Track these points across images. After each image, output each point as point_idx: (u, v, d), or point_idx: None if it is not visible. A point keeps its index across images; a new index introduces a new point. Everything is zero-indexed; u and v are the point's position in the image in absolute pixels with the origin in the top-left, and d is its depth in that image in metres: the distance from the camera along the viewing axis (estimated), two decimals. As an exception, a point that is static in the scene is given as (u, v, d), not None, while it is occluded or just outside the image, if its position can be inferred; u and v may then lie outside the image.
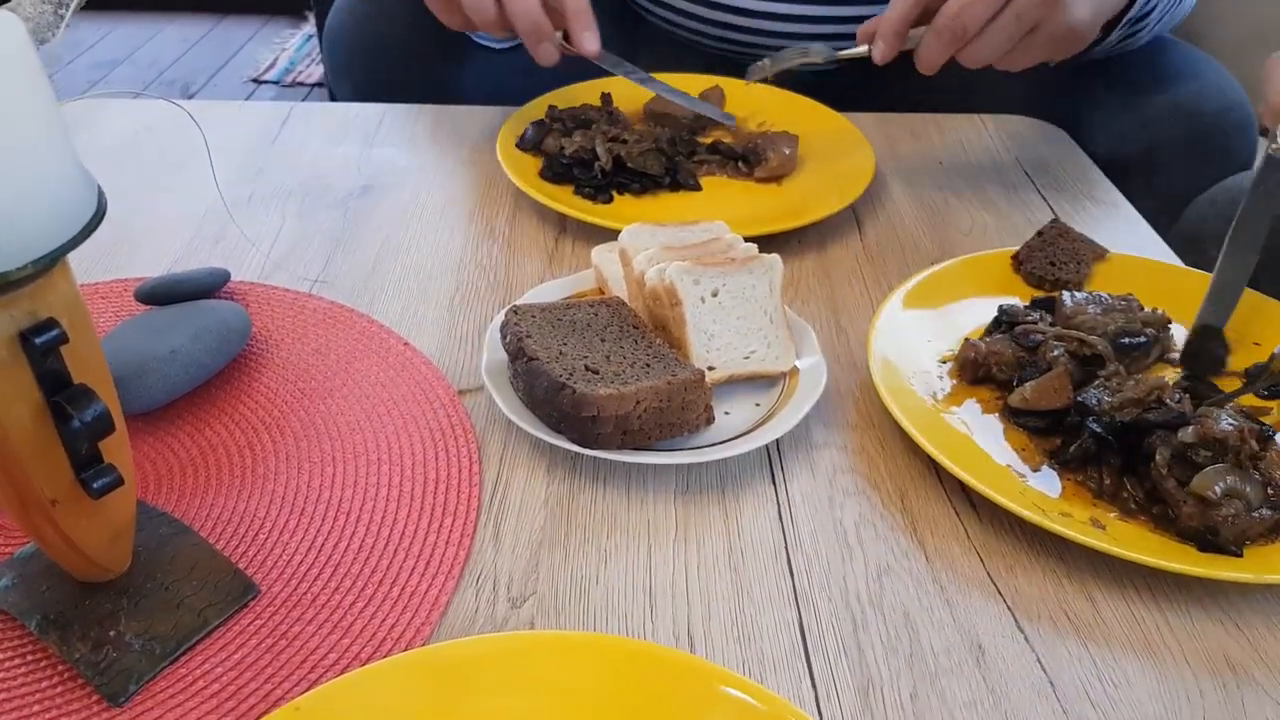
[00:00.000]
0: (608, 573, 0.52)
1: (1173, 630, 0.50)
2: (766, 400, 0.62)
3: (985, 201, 0.88)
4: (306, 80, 3.12)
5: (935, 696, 0.46)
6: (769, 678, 0.47)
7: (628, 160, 0.85)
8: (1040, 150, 0.97)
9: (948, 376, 0.64)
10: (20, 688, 0.45)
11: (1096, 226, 0.84)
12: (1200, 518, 0.52)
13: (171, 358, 0.58)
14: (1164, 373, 0.65)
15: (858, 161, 0.88)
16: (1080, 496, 0.55)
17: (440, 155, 0.92)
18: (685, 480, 0.58)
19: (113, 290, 0.70)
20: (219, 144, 0.92)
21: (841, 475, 0.58)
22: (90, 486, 0.41)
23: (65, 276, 0.39)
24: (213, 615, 0.48)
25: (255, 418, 0.60)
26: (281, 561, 0.51)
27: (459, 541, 0.53)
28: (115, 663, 0.45)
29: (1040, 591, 0.52)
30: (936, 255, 0.79)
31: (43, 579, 0.48)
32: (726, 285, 0.62)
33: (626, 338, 0.60)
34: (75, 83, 3.00)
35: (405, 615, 0.49)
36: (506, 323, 0.60)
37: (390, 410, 0.61)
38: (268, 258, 0.76)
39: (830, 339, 0.69)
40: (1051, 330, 0.63)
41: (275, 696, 0.45)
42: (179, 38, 3.40)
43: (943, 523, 0.56)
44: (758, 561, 0.53)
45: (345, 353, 0.65)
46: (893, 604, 0.51)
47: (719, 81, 0.98)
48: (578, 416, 0.54)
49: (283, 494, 0.55)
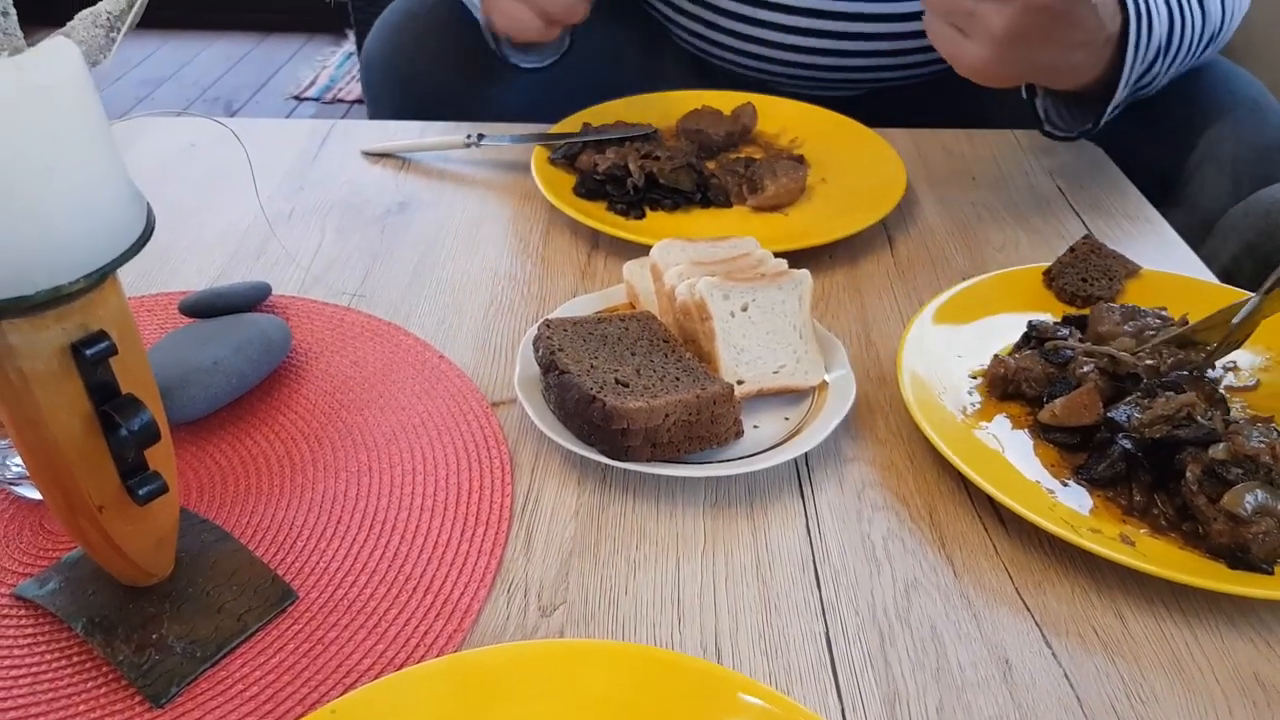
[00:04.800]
0: (637, 583, 0.53)
1: (1202, 647, 0.50)
2: (795, 414, 0.62)
3: (1018, 217, 0.88)
4: (346, 98, 3.17)
5: (961, 711, 0.46)
6: (795, 689, 0.47)
7: (660, 176, 0.86)
8: (1074, 166, 0.96)
9: (978, 392, 0.64)
10: (66, 688, 0.46)
11: (1131, 244, 0.83)
12: (1231, 535, 0.51)
13: (214, 369, 0.60)
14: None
15: (889, 176, 0.88)
16: (1110, 513, 0.55)
17: (475, 172, 0.94)
18: (714, 493, 0.58)
19: (157, 304, 0.72)
20: (261, 161, 0.94)
21: (870, 490, 0.59)
22: (136, 493, 0.42)
23: (115, 290, 0.40)
24: (252, 620, 0.49)
25: (294, 428, 0.61)
26: (319, 568, 0.52)
27: (491, 550, 0.54)
28: (158, 665, 0.46)
29: (1068, 607, 0.52)
30: (968, 271, 0.79)
31: (89, 583, 0.49)
32: (756, 300, 0.63)
33: (656, 351, 0.61)
34: (122, 99, 3.07)
35: (439, 622, 0.50)
36: (539, 336, 0.61)
37: (425, 421, 0.62)
38: (308, 272, 0.77)
39: (860, 353, 0.70)
40: (1081, 346, 0.63)
41: (312, 700, 0.46)
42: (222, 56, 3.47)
43: (971, 538, 0.56)
44: (785, 574, 0.53)
45: (382, 365, 0.67)
46: (920, 618, 0.51)
47: (751, 98, 0.99)
48: (608, 429, 0.55)
49: (320, 502, 0.56)
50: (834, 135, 0.96)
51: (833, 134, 0.96)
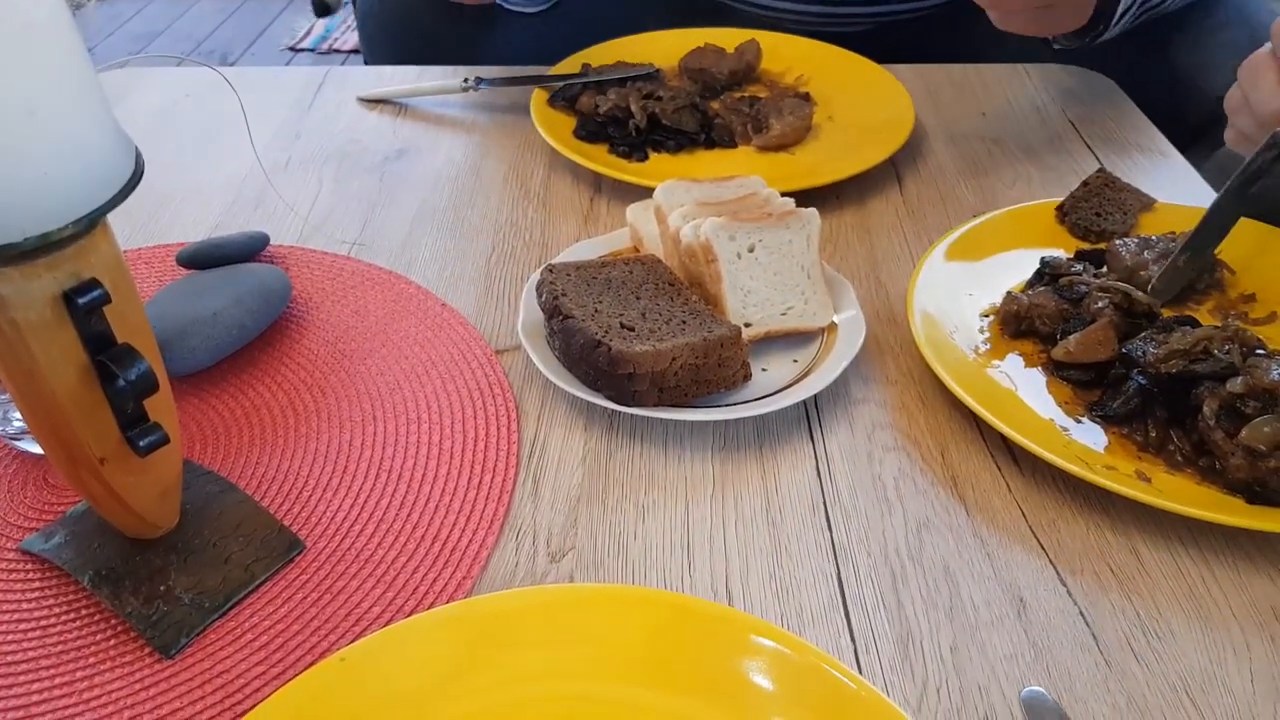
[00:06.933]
0: (646, 528, 0.52)
1: (1219, 583, 0.49)
2: (804, 356, 0.61)
3: (1029, 153, 0.86)
4: (342, 48, 3.13)
5: (975, 649, 0.46)
6: (807, 631, 0.47)
7: (663, 117, 0.84)
8: (1086, 100, 0.94)
9: (989, 330, 0.63)
10: (75, 640, 0.46)
11: (1145, 177, 0.82)
12: (1249, 469, 0.51)
13: (214, 320, 0.59)
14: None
15: (897, 113, 0.86)
16: (1125, 450, 0.55)
17: (474, 117, 0.92)
18: (723, 436, 0.58)
19: (155, 255, 0.71)
20: (256, 110, 0.92)
21: (880, 431, 0.58)
22: (137, 445, 0.42)
23: (106, 237, 0.39)
24: (260, 570, 0.49)
25: (297, 378, 0.61)
26: (325, 518, 0.52)
27: (498, 497, 0.53)
28: (166, 616, 0.46)
29: (1083, 545, 0.51)
30: (978, 208, 0.77)
31: (94, 536, 0.49)
32: (763, 241, 0.62)
33: (662, 295, 0.60)
34: (115, 55, 3.03)
35: (447, 569, 0.49)
36: (542, 281, 0.60)
37: (429, 370, 0.61)
38: (306, 221, 0.76)
39: (870, 294, 0.69)
40: (1096, 282, 0.62)
41: (322, 648, 0.46)
42: (216, 9, 3.42)
43: (984, 477, 0.55)
44: (796, 517, 0.53)
45: (384, 314, 0.66)
46: (932, 558, 0.50)
47: (755, 35, 0.97)
48: (614, 374, 0.54)
49: (325, 452, 0.56)
50: (840, 72, 0.94)
51: (839, 71, 0.94)
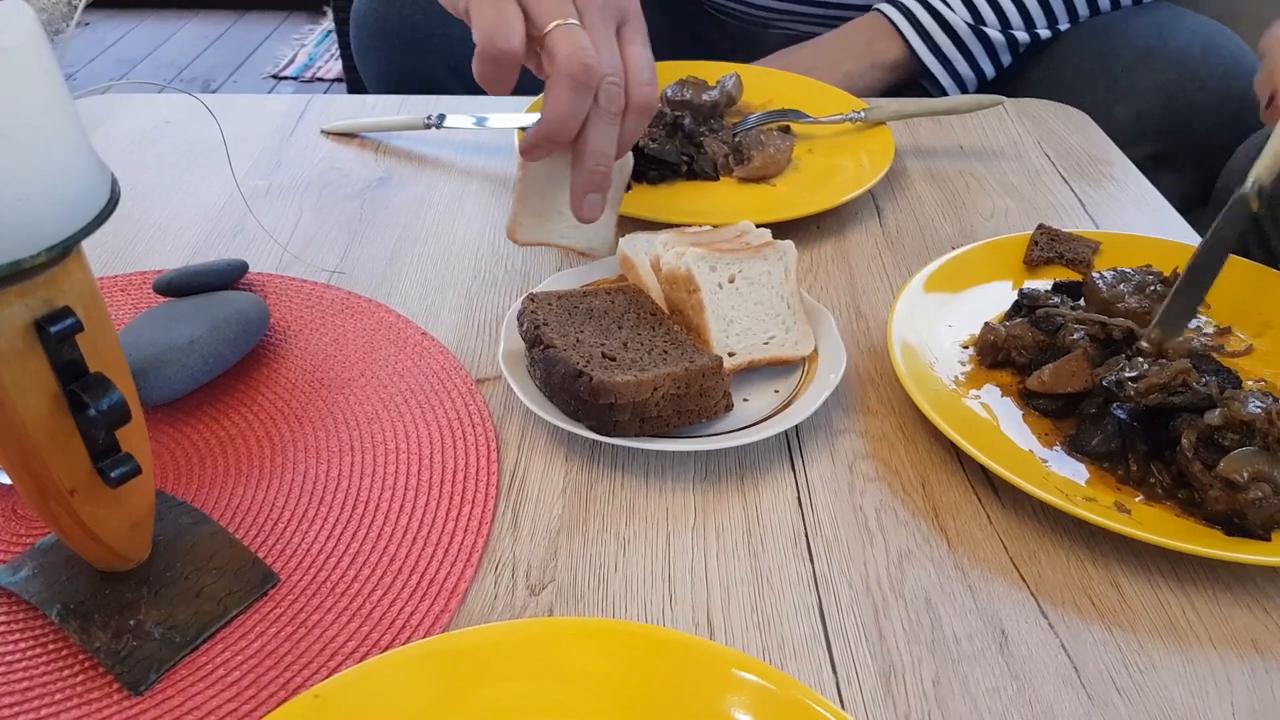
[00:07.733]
0: (627, 560, 0.52)
1: (1199, 615, 0.49)
2: (786, 386, 0.61)
3: (1006, 185, 0.87)
4: (325, 76, 3.14)
5: (958, 682, 0.46)
6: (789, 663, 0.46)
7: (645, 148, 0.84)
8: (1061, 133, 0.96)
9: (968, 361, 0.63)
10: (41, 677, 0.45)
11: (1120, 210, 0.83)
12: (1227, 501, 0.51)
13: (190, 348, 0.58)
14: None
15: (876, 145, 0.87)
16: (1105, 481, 0.55)
17: (456, 147, 0.92)
18: (704, 467, 0.57)
19: (131, 282, 0.70)
20: (237, 137, 0.92)
21: (861, 461, 0.58)
22: (108, 476, 0.41)
23: (80, 265, 0.39)
24: (233, 604, 0.48)
25: (274, 408, 0.60)
26: (301, 550, 0.51)
27: (477, 529, 0.53)
28: (136, 651, 0.45)
29: (1064, 577, 0.51)
30: (957, 240, 0.78)
31: (63, 568, 0.48)
32: (743, 271, 0.62)
33: (644, 325, 0.60)
34: (97, 80, 3.02)
35: (424, 603, 0.49)
36: (523, 310, 0.60)
37: (409, 399, 0.61)
38: (285, 249, 0.76)
39: (850, 324, 0.69)
40: (1072, 314, 0.62)
41: (296, 684, 0.45)
42: (199, 35, 3.42)
43: (964, 508, 0.55)
44: (777, 548, 0.52)
45: (363, 343, 0.65)
46: (914, 589, 0.50)
47: (736, 69, 0.98)
48: (595, 404, 0.54)
49: (302, 483, 0.55)
50: (819, 104, 0.94)
51: (819, 103, 0.94)
